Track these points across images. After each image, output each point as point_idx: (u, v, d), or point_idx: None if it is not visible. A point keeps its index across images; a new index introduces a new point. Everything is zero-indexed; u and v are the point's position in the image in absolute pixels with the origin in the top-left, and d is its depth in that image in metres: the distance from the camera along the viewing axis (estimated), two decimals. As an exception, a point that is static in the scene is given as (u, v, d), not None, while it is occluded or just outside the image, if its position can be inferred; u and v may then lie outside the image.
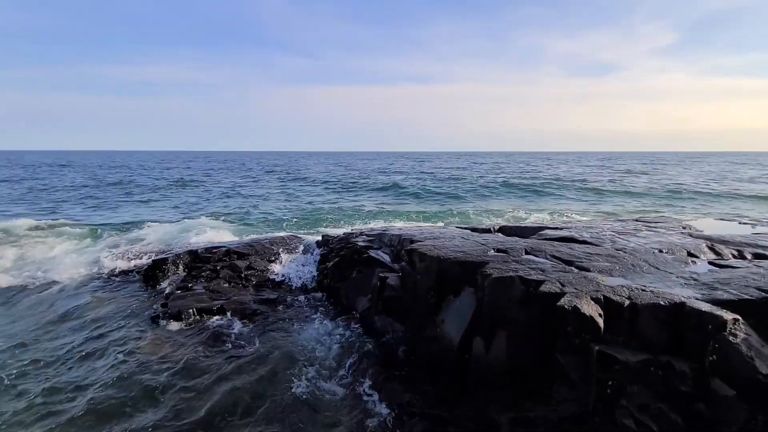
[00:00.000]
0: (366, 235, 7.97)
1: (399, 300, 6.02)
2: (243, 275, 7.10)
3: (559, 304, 3.59)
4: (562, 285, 3.97)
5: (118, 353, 5.63)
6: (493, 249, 5.34)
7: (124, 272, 7.69)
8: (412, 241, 6.22)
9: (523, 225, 7.61)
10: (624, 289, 3.69)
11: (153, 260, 7.44)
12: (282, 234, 9.16)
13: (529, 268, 4.51)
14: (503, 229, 7.35)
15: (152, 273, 7.27)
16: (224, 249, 7.56)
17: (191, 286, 6.72)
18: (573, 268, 4.49)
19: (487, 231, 7.25)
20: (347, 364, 5.66)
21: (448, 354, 5.04)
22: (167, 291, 6.77)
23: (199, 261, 7.36)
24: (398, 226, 9.47)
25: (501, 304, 4.39)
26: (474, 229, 7.42)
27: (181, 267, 7.35)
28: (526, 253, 5.15)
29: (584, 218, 13.31)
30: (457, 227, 8.03)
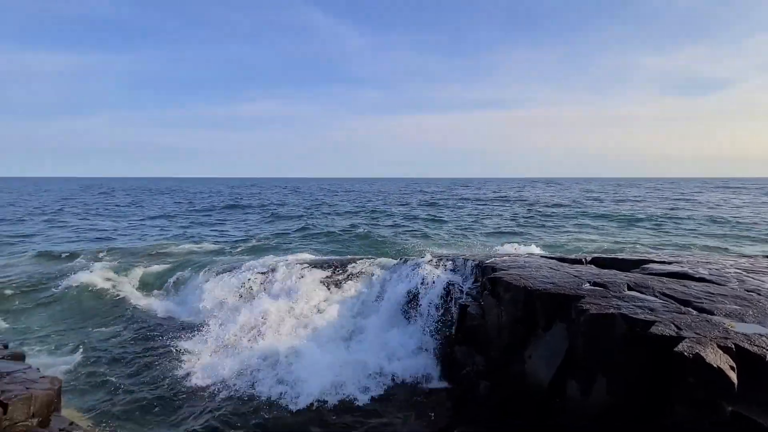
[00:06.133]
0: (445, 259, 7.86)
1: (480, 331, 5.77)
2: (320, 290, 7.50)
3: (676, 350, 3.15)
4: (678, 328, 3.48)
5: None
6: (589, 282, 4.90)
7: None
8: (494, 269, 5.98)
9: (620, 257, 6.87)
10: (763, 338, 3.12)
11: (241, 272, 8.25)
12: (358, 256, 9.44)
13: (634, 305, 4.05)
14: (597, 261, 6.72)
15: (238, 284, 8.11)
16: (304, 264, 8.11)
17: (271, 299, 7.29)
18: (690, 309, 3.92)
19: (578, 262, 6.68)
20: (426, 392, 5.53)
21: (536, 393, 4.67)
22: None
23: (282, 275, 7.97)
24: (478, 253, 9.21)
25: (601, 345, 3.98)
26: (562, 260, 6.89)
27: (264, 279, 8.06)
28: (629, 288, 4.64)
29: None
30: (542, 256, 7.54)
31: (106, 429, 4.60)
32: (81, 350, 6.70)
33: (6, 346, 3.97)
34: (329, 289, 7.77)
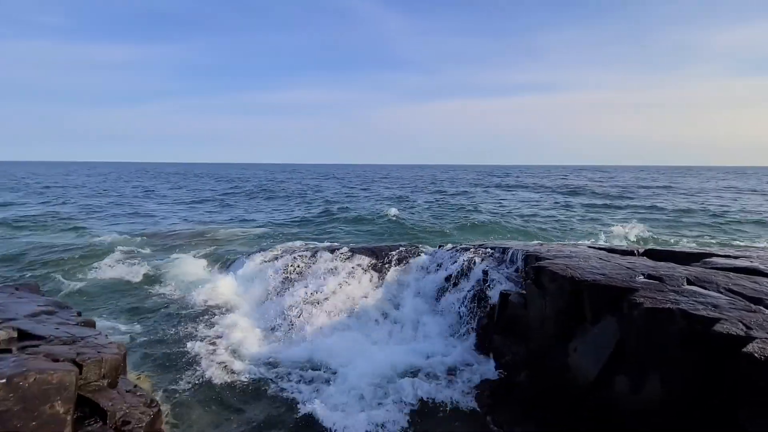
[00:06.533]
0: (485, 247, 7.71)
1: (522, 320, 5.64)
2: (363, 277, 7.56)
3: (746, 351, 2.91)
4: (748, 327, 3.21)
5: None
6: (643, 274, 4.62)
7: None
8: (538, 258, 5.79)
9: (678, 250, 6.42)
10: None
11: (291, 255, 8.51)
12: (402, 242, 9.46)
13: (694, 301, 3.77)
14: (651, 253, 6.32)
15: (288, 265, 8.37)
16: (348, 251, 8.20)
17: (319, 282, 7.45)
18: (762, 307, 3.60)
19: (630, 253, 6.32)
20: (463, 380, 5.51)
21: (580, 387, 4.52)
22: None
23: (327, 259, 8.11)
24: (519, 242, 8.95)
25: (655, 341, 3.77)
26: (612, 250, 6.54)
27: (311, 263, 8.26)
28: (689, 282, 4.33)
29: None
30: (589, 246, 7.20)
31: (163, 393, 4.98)
32: (134, 322, 7.25)
33: (79, 314, 4.37)
34: (369, 275, 7.85)
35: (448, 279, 7.39)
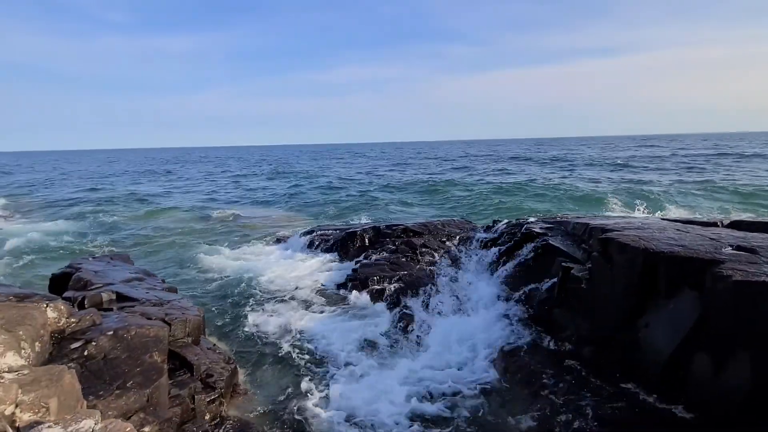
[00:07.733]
0: (543, 221, 7.39)
1: (585, 294, 5.38)
2: (417, 252, 7.58)
3: None
4: None
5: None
6: (731, 246, 4.19)
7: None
8: (604, 230, 5.44)
9: (771, 220, 5.72)
10: None
11: (346, 232, 8.71)
12: (455, 218, 9.34)
13: (796, 274, 3.36)
14: (737, 224, 5.70)
15: (344, 242, 8.55)
16: (402, 227, 8.22)
17: (375, 258, 7.57)
18: None
19: (712, 225, 5.74)
20: (520, 354, 5.42)
21: (652, 366, 4.27)
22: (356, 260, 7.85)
23: (381, 236, 8.21)
24: (578, 215, 8.46)
25: (744, 316, 3.43)
26: (690, 222, 5.98)
27: (366, 240, 8.38)
28: (789, 255, 3.86)
29: None
30: (663, 218, 6.65)
31: (236, 353, 5.43)
32: (206, 290, 7.85)
33: (164, 281, 4.85)
34: (425, 249, 7.84)
35: (505, 252, 7.22)
